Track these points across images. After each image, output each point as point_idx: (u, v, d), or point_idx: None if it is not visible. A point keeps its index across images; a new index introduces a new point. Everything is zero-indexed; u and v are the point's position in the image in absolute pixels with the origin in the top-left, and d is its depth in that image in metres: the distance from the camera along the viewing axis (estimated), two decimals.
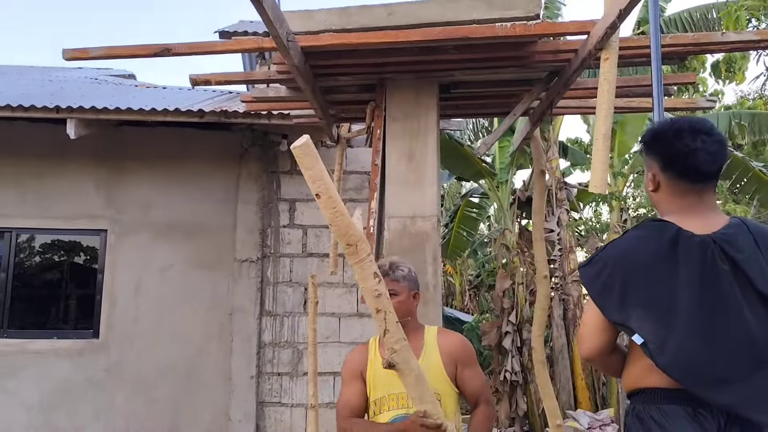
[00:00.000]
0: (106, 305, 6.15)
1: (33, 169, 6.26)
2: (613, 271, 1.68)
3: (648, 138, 1.81)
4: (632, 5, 2.86)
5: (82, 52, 3.66)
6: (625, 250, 1.71)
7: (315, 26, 3.62)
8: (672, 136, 1.72)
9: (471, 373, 2.40)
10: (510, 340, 9.17)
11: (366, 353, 2.49)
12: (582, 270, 1.80)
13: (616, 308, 1.66)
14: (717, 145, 1.70)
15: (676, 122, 1.76)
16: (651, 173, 1.80)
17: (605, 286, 1.68)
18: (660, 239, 1.65)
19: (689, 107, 4.71)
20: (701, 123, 1.72)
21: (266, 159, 6.49)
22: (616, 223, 8.91)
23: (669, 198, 1.76)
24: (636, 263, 1.65)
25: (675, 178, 1.73)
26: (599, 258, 1.75)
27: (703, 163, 1.69)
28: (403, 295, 2.41)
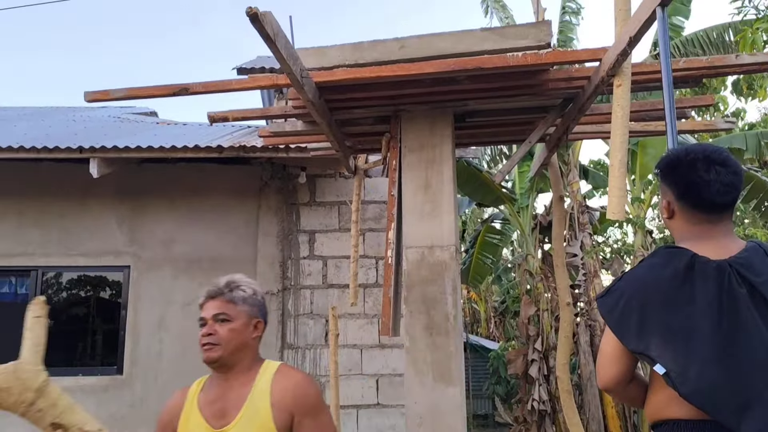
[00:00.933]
0: (130, 341, 6.20)
1: (57, 208, 6.39)
2: (630, 299, 1.66)
3: (663, 166, 1.80)
4: (642, 32, 2.86)
5: (104, 94, 3.75)
6: (641, 279, 1.69)
7: (329, 62, 3.68)
8: (686, 167, 1.71)
9: (311, 425, 1.87)
10: (536, 368, 9.02)
11: (182, 401, 2.06)
12: (600, 300, 1.79)
13: (635, 337, 1.63)
14: (732, 176, 1.68)
15: (690, 152, 1.74)
16: (666, 200, 1.79)
17: (623, 315, 1.66)
18: (676, 266, 1.63)
19: (707, 129, 4.67)
20: (716, 153, 1.71)
21: (285, 191, 6.55)
22: (641, 246, 8.77)
23: (684, 225, 1.75)
24: (653, 291, 1.64)
25: (689, 208, 1.72)
26: (616, 288, 1.74)
27: (717, 195, 1.67)
28: (238, 322, 1.95)
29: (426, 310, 3.85)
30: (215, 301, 1.98)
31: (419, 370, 3.79)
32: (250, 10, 2.66)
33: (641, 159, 8.92)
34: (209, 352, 1.93)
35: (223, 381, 1.97)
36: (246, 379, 1.95)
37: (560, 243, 4.87)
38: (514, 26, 3.98)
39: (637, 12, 2.93)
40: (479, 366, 14.37)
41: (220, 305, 1.96)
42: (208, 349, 1.93)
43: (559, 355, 4.77)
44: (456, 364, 3.78)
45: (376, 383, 6.13)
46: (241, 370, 1.96)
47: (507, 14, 10.01)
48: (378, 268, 6.36)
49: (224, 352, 1.92)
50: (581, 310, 9.04)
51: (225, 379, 1.96)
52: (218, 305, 1.97)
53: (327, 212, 6.52)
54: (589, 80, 3.56)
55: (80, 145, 5.58)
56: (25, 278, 6.37)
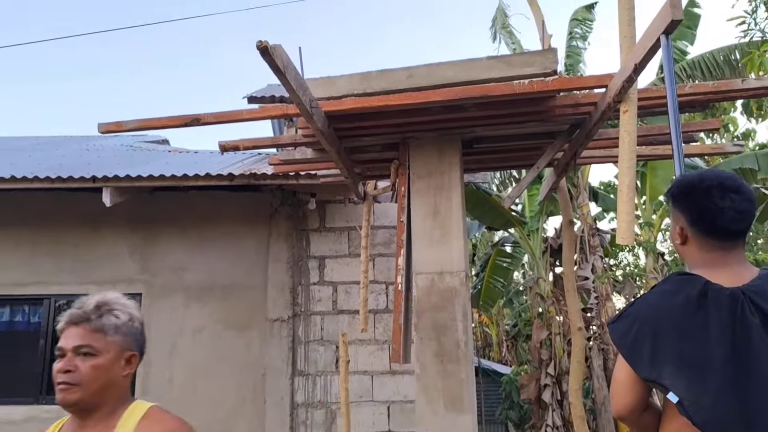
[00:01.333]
0: (141, 369, 6.18)
1: (70, 237, 6.46)
2: (643, 326, 1.65)
3: (676, 192, 1.80)
4: (647, 60, 2.89)
5: (117, 125, 3.82)
6: (653, 305, 1.68)
7: (337, 91, 3.73)
8: (701, 194, 1.71)
9: None
10: (549, 393, 8.94)
11: None
12: (611, 326, 1.78)
13: (648, 365, 1.62)
14: (746, 203, 1.69)
15: (705, 178, 1.74)
16: (678, 226, 1.78)
17: (635, 342, 1.65)
18: (688, 293, 1.63)
19: (716, 152, 4.67)
20: (730, 180, 1.71)
21: (295, 217, 6.58)
22: (653, 268, 8.72)
23: (697, 252, 1.75)
24: (665, 318, 1.63)
25: (703, 235, 1.72)
26: (628, 314, 1.73)
27: (731, 222, 1.68)
28: (105, 357, 1.58)
29: (436, 336, 3.85)
30: (78, 329, 1.59)
31: (430, 398, 3.77)
32: (260, 44, 2.71)
33: (651, 181, 8.92)
34: (65, 393, 1.55)
35: (78, 427, 1.60)
36: (105, 426, 1.57)
37: (571, 267, 4.86)
38: (520, 54, 4.03)
39: (641, 40, 2.96)
40: (492, 391, 14.22)
41: (84, 335, 1.58)
42: (63, 389, 1.55)
43: (571, 380, 4.73)
44: (467, 391, 3.76)
45: (387, 410, 6.09)
46: (102, 414, 1.58)
47: (514, 40, 10.11)
48: (388, 294, 6.35)
49: (84, 393, 1.55)
50: (594, 333, 8.97)
51: (82, 425, 1.59)
52: (82, 334, 1.58)
53: (337, 238, 6.54)
54: (596, 106, 3.59)
55: (93, 174, 5.65)
56: (38, 307, 6.42)
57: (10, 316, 6.43)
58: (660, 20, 2.72)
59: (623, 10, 3.14)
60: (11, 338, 6.42)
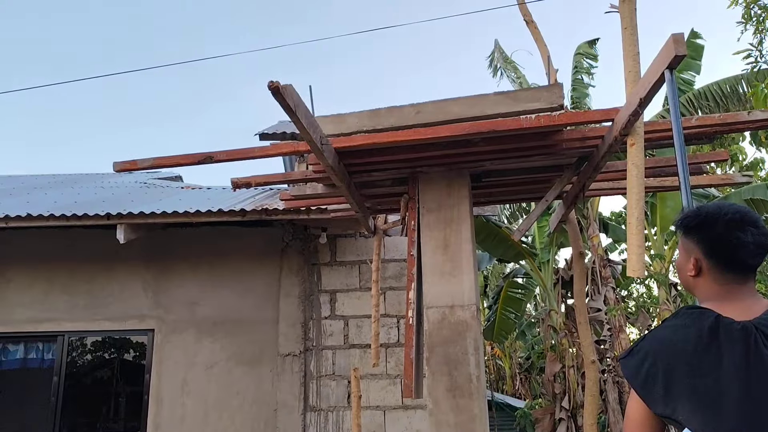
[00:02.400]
0: (153, 405, 6.19)
1: (84, 274, 6.52)
2: (655, 361, 1.64)
3: (692, 223, 1.78)
4: (652, 94, 2.94)
5: (131, 163, 3.91)
6: (665, 340, 1.67)
7: (347, 128, 3.80)
8: (722, 226, 1.70)
9: None
10: (564, 427, 8.81)
11: None
12: (623, 361, 1.77)
13: (662, 401, 1.61)
14: (763, 237, 1.69)
15: (725, 210, 1.73)
16: (693, 258, 1.76)
17: (648, 378, 1.64)
18: (700, 327, 1.62)
19: (725, 183, 4.68)
20: (749, 215, 1.72)
21: (307, 252, 6.62)
22: (665, 300, 8.65)
23: (710, 285, 1.74)
24: (678, 352, 1.62)
25: (720, 267, 1.71)
26: (639, 348, 1.71)
27: (750, 256, 1.68)
28: None
29: (448, 371, 3.84)
30: None
31: None
32: (271, 84, 2.79)
33: (661, 211, 8.91)
34: None
35: None
36: None
37: (582, 300, 4.85)
38: (526, 89, 4.09)
39: (646, 74, 3.02)
40: (506, 425, 14.02)
41: None
42: None
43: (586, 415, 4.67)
44: (481, 426, 3.73)
45: None
46: None
47: (519, 74, 10.23)
48: (399, 327, 6.34)
49: None
50: (608, 366, 8.86)
51: None
52: None
53: (348, 272, 6.56)
54: (603, 140, 3.63)
55: (108, 211, 5.74)
56: (51, 343, 6.45)
57: (24, 353, 6.46)
58: (664, 55, 2.77)
59: (628, 45, 3.21)
60: (25, 375, 6.44)
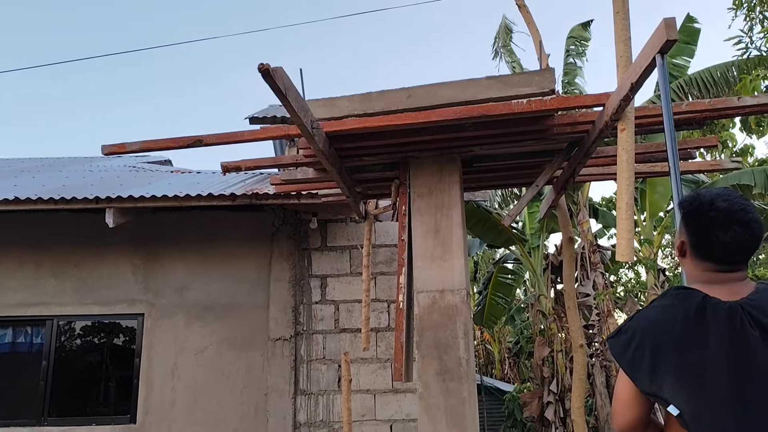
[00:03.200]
0: (143, 389, 6.20)
1: (73, 258, 6.48)
2: (643, 340, 1.66)
3: (686, 210, 1.79)
4: (643, 79, 2.94)
5: (120, 147, 3.86)
6: (652, 319, 1.69)
7: (338, 112, 3.77)
8: (706, 221, 1.70)
9: None
10: (552, 410, 8.90)
11: None
12: (611, 341, 1.79)
13: (648, 378, 1.63)
14: (750, 238, 1.68)
15: (714, 206, 1.71)
16: (680, 240, 1.79)
17: (635, 357, 1.66)
18: (687, 307, 1.64)
19: (714, 169, 4.71)
20: (741, 212, 1.68)
21: (297, 237, 6.61)
22: (654, 284, 8.72)
23: (694, 268, 1.77)
24: (665, 332, 1.64)
25: (700, 259, 1.73)
26: (627, 328, 1.73)
27: (730, 255, 1.68)
28: None
29: (438, 355, 3.85)
30: None
31: (433, 417, 3.77)
32: (261, 66, 2.76)
33: (650, 197, 8.95)
34: None
35: None
36: None
37: (571, 284, 4.88)
38: (518, 74, 4.08)
39: (637, 59, 3.01)
40: (494, 408, 14.15)
41: None
42: None
43: (573, 398, 4.72)
44: (470, 409, 3.76)
45: (390, 429, 6.06)
46: None
47: (513, 58, 10.23)
48: (390, 312, 6.36)
49: None
50: (596, 350, 8.95)
51: None
52: None
53: (338, 257, 6.56)
54: (594, 125, 3.63)
55: (96, 195, 5.69)
56: (40, 327, 6.42)
57: (12, 338, 6.44)
58: (655, 40, 2.77)
59: (619, 30, 3.20)
60: (14, 360, 6.42)
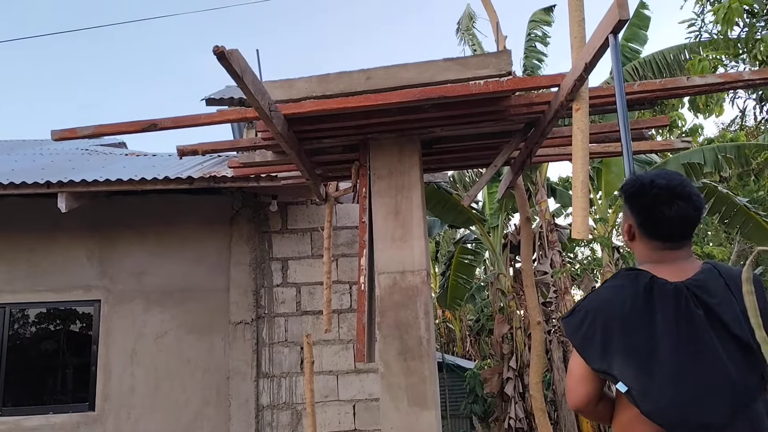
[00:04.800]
0: (102, 376, 6.10)
1: (25, 244, 6.30)
2: (594, 319, 1.72)
3: (627, 192, 1.85)
4: (597, 59, 2.99)
5: (71, 132, 3.76)
6: (603, 300, 1.75)
7: (296, 94, 3.74)
8: (650, 199, 1.77)
9: None
10: (512, 386, 9.10)
11: None
12: (564, 321, 1.85)
13: (598, 356, 1.69)
14: (693, 211, 1.75)
15: (655, 184, 1.78)
16: (627, 224, 1.86)
17: (586, 336, 1.72)
18: (636, 287, 1.70)
19: (665, 149, 4.83)
20: (680, 187, 1.76)
21: (257, 220, 6.56)
22: (608, 262, 8.95)
23: (643, 249, 1.83)
24: (614, 311, 1.70)
25: (648, 236, 1.80)
26: (580, 308, 1.80)
27: (675, 229, 1.76)
28: None
29: (399, 335, 3.90)
30: None
31: (394, 396, 3.83)
32: (216, 49, 2.71)
33: (605, 177, 9.15)
34: None
35: None
36: None
37: (529, 263, 4.98)
38: (475, 56, 4.10)
39: (591, 40, 3.06)
40: (456, 386, 14.38)
41: None
42: None
43: (531, 374, 4.84)
44: (431, 387, 3.82)
45: (353, 409, 6.12)
46: None
47: (475, 42, 10.31)
48: (352, 294, 6.38)
49: None
50: (554, 327, 9.16)
51: None
52: None
53: (299, 239, 6.54)
54: (550, 105, 3.68)
55: (47, 179, 5.53)
56: None
57: None
58: (608, 20, 2.82)
59: (573, 11, 3.24)
60: None
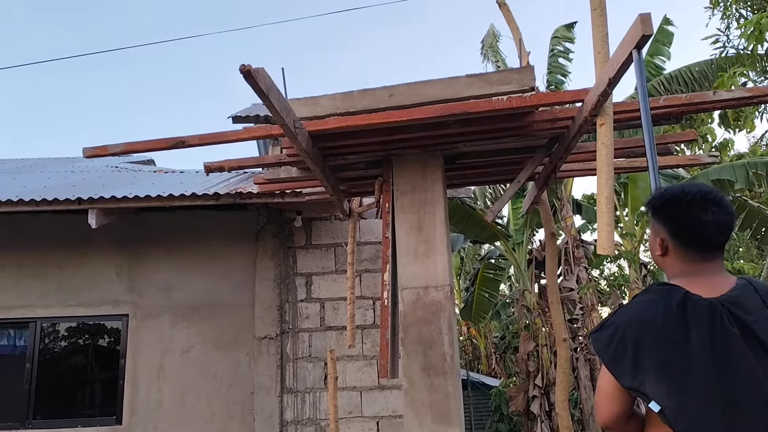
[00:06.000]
0: (129, 390, 6.17)
1: (56, 259, 6.43)
2: (625, 335, 1.68)
3: (657, 204, 1.83)
4: (620, 74, 2.99)
5: (102, 149, 3.86)
6: (634, 315, 1.71)
7: (321, 111, 3.79)
8: (684, 206, 1.75)
9: None
10: (538, 404, 8.98)
11: None
12: (593, 336, 1.80)
13: (630, 374, 1.65)
14: (727, 216, 1.73)
15: (687, 191, 1.77)
16: (659, 238, 1.82)
17: (617, 352, 1.68)
18: (668, 303, 1.66)
19: (692, 164, 4.77)
20: (712, 193, 1.75)
21: (282, 235, 6.61)
22: (636, 278, 8.82)
23: (677, 263, 1.79)
24: (646, 327, 1.66)
25: (684, 247, 1.76)
26: (610, 323, 1.75)
27: (713, 235, 1.73)
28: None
29: (423, 350, 3.89)
30: None
31: (418, 412, 3.81)
32: (243, 68, 2.77)
33: (632, 192, 9.04)
34: None
35: None
36: None
37: (554, 279, 4.94)
38: (498, 72, 4.12)
39: (614, 55, 3.06)
40: (481, 403, 14.24)
41: None
42: None
43: (558, 392, 4.78)
44: (455, 404, 3.80)
45: (376, 426, 6.10)
46: None
47: (498, 58, 10.31)
48: (375, 309, 6.38)
49: None
50: (580, 344, 9.03)
51: None
52: None
53: (323, 255, 6.58)
54: (573, 120, 3.68)
55: (78, 196, 5.65)
56: (23, 330, 6.37)
57: None
58: (631, 35, 2.82)
59: (597, 26, 3.25)
60: None
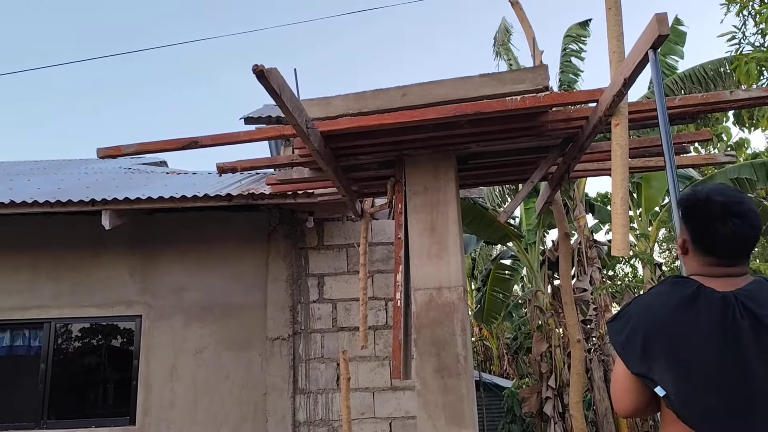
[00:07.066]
0: (142, 391, 6.20)
1: (70, 260, 6.47)
2: (637, 323, 1.70)
3: (683, 207, 1.82)
4: (636, 74, 2.96)
5: (115, 149, 3.87)
6: (647, 304, 1.74)
7: (333, 111, 3.79)
8: (704, 216, 1.73)
9: None
10: (551, 405, 8.93)
11: None
12: (609, 325, 1.84)
13: (638, 360, 1.67)
14: (749, 230, 1.70)
15: (711, 200, 1.74)
16: (682, 239, 1.82)
17: (628, 338, 1.70)
18: (682, 294, 1.67)
19: (708, 163, 4.73)
20: (737, 204, 1.71)
21: (294, 236, 6.62)
22: (650, 279, 8.76)
23: (696, 264, 1.79)
24: (657, 316, 1.68)
25: (703, 254, 1.75)
26: (624, 312, 1.78)
27: (731, 247, 1.71)
28: None
29: (436, 352, 3.87)
30: None
31: (431, 414, 3.79)
32: (256, 68, 2.77)
33: (646, 192, 8.98)
34: None
35: None
36: None
37: (567, 280, 4.90)
38: (511, 71, 4.10)
39: (630, 54, 3.03)
40: (493, 405, 14.18)
41: None
42: None
43: (571, 393, 4.74)
44: (468, 405, 3.78)
45: (389, 427, 6.08)
46: None
47: (511, 57, 10.25)
48: (387, 310, 6.37)
49: None
50: (594, 345, 8.97)
51: None
52: None
53: (335, 255, 6.57)
54: (588, 120, 3.64)
55: (92, 197, 5.68)
56: (38, 330, 6.42)
57: (10, 341, 6.43)
58: (647, 35, 2.78)
59: (612, 26, 3.22)
60: (12, 363, 6.41)
